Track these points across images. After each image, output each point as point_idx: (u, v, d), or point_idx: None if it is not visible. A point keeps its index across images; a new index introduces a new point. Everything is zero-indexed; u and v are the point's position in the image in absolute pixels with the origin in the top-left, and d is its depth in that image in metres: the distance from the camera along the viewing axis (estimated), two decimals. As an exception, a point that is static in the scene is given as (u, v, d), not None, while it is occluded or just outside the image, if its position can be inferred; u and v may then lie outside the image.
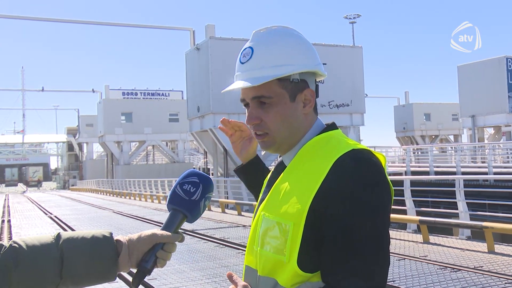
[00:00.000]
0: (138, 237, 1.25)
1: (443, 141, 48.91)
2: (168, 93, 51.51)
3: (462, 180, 10.47)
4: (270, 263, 1.17)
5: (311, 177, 1.14)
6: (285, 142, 1.27)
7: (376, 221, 1.10)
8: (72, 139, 68.64)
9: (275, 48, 1.23)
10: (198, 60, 24.30)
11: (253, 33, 1.27)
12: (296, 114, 1.25)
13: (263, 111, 1.24)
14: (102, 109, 45.08)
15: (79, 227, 14.37)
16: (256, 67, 1.22)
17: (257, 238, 1.21)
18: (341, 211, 1.09)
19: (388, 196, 1.14)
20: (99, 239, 1.22)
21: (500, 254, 7.79)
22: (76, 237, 1.21)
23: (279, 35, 1.25)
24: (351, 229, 1.08)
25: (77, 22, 35.77)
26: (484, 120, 31.56)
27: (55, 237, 1.21)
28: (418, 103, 49.31)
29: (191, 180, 1.31)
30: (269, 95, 1.22)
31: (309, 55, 1.26)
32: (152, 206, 21.97)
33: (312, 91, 1.26)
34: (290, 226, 1.13)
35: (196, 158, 49.20)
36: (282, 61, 1.21)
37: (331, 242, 1.09)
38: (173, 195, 1.30)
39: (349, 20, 37.38)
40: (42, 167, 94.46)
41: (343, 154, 1.15)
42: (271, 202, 1.21)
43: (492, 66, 30.82)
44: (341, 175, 1.11)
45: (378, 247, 1.09)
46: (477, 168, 21.43)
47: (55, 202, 30.69)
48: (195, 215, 1.30)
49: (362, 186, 1.10)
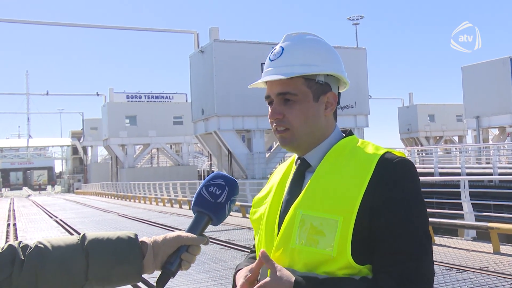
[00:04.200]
0: (163, 239, 1.24)
1: (448, 142, 48.77)
2: (172, 96, 51.63)
3: (467, 181, 10.45)
4: (315, 259, 1.19)
5: (357, 173, 1.21)
6: (305, 140, 1.31)
7: (423, 210, 1.21)
8: (76, 143, 68.81)
9: (304, 48, 1.31)
10: (202, 63, 24.36)
11: (284, 36, 1.34)
12: (318, 114, 1.31)
13: (287, 107, 1.29)
14: (107, 112, 45.20)
15: (84, 230, 14.37)
16: (286, 63, 1.29)
17: (293, 235, 1.22)
18: (393, 201, 1.17)
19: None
20: (124, 241, 1.21)
21: (506, 255, 7.77)
22: (101, 238, 1.21)
23: (309, 39, 1.33)
24: (405, 219, 1.17)
25: (81, 26, 35.93)
26: (489, 121, 31.47)
27: (80, 238, 1.21)
28: (422, 104, 49.23)
29: (217, 182, 1.30)
30: (294, 92, 1.28)
31: (336, 61, 1.35)
32: (157, 209, 21.99)
33: (334, 95, 1.34)
34: (339, 221, 1.18)
35: (201, 161, 49.22)
36: (310, 61, 1.29)
37: (384, 232, 1.17)
38: (198, 197, 1.29)
39: (353, 21, 37.43)
40: (46, 171, 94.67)
41: (384, 154, 1.24)
42: (310, 200, 1.23)
43: (497, 67, 30.74)
44: (389, 170, 1.20)
45: (428, 236, 1.19)
46: (482, 169, 21.36)
47: (60, 205, 30.77)
48: (220, 217, 1.29)
49: (410, 178, 1.21)
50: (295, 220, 1.23)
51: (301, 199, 1.25)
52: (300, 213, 1.22)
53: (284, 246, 1.24)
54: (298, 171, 1.34)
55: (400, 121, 49.82)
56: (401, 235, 1.16)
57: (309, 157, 1.33)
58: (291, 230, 1.23)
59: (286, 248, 1.23)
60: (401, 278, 1.13)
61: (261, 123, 23.85)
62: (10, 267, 1.11)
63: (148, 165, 51.25)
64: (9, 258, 1.12)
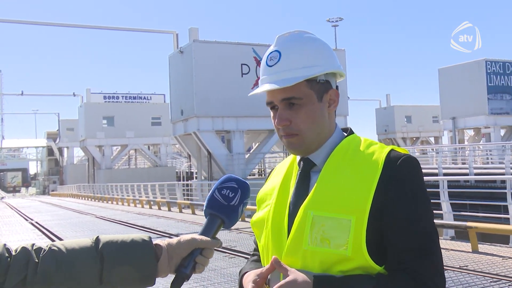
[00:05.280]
0: (177, 242, 1.23)
1: (424, 143, 49.49)
2: (150, 97, 51.24)
3: (446, 181, 10.60)
4: (330, 259, 1.18)
5: (366, 172, 1.21)
6: (314, 142, 1.30)
7: (430, 205, 1.23)
8: (52, 144, 67.79)
9: (303, 50, 1.28)
10: (181, 64, 24.21)
11: (276, 38, 1.32)
12: (323, 114, 1.30)
13: (293, 112, 1.27)
14: (83, 113, 44.61)
15: (61, 233, 14.17)
16: (286, 68, 1.26)
17: (305, 237, 1.21)
18: (403, 199, 1.19)
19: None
20: (138, 243, 1.20)
21: (484, 254, 7.90)
22: (115, 241, 1.19)
23: (303, 39, 1.30)
24: (416, 215, 1.19)
25: (57, 25, 35.35)
26: (465, 122, 32.01)
27: (94, 240, 1.19)
28: (399, 105, 49.86)
29: (230, 185, 1.30)
30: (299, 96, 1.26)
31: (333, 56, 1.34)
32: (135, 211, 21.78)
33: (336, 91, 1.33)
34: (352, 220, 1.17)
35: (179, 162, 48.95)
36: (310, 62, 1.27)
37: (397, 229, 1.18)
38: (211, 200, 1.28)
39: (332, 23, 37.68)
40: (21, 173, 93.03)
41: (389, 152, 1.25)
42: (320, 200, 1.22)
43: (472, 69, 31.31)
44: (396, 168, 1.20)
45: (436, 231, 1.22)
46: (458, 169, 21.72)
47: (35, 207, 30.22)
48: (233, 220, 1.28)
49: (417, 175, 1.22)
50: (306, 221, 1.21)
51: (310, 200, 1.23)
52: (311, 214, 1.21)
53: (296, 248, 1.22)
54: (303, 172, 1.31)
55: (378, 122, 50.37)
56: (413, 232, 1.17)
57: (314, 156, 1.31)
58: (302, 232, 1.21)
59: (298, 250, 1.22)
60: (418, 275, 1.15)
61: (241, 124, 23.84)
62: (25, 270, 1.10)
63: (125, 167, 50.72)
64: (23, 260, 1.11)
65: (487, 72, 30.79)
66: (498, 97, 31.12)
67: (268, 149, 26.13)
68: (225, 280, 7.07)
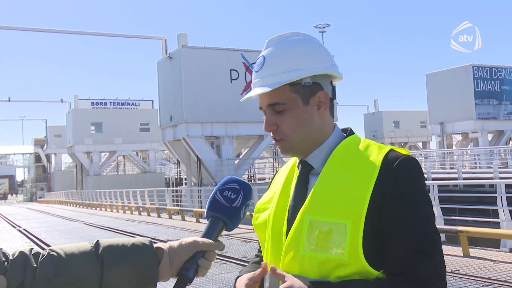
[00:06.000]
0: (179, 245, 1.20)
1: (412, 148, 49.78)
2: (139, 103, 51.05)
3: (436, 185, 10.65)
4: (327, 264, 1.16)
5: (362, 174, 1.18)
6: (303, 145, 1.28)
7: (430, 206, 1.20)
8: (39, 150, 67.23)
9: (285, 54, 1.26)
10: (170, 69, 24.16)
11: (266, 42, 1.30)
12: (312, 117, 1.27)
13: (279, 117, 1.27)
14: (71, 119, 44.31)
15: (50, 240, 14.01)
16: (269, 74, 1.25)
17: (302, 242, 1.19)
18: (402, 200, 1.15)
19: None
20: (139, 247, 1.17)
21: (475, 258, 7.93)
22: (116, 245, 1.17)
23: (290, 42, 1.28)
24: (415, 217, 1.15)
25: (45, 31, 35.15)
26: (452, 127, 32.31)
27: (94, 245, 1.17)
28: (387, 111, 50.14)
29: (232, 186, 1.27)
30: (282, 101, 1.25)
31: (321, 58, 1.29)
32: (124, 217, 21.62)
33: (325, 93, 1.29)
34: (348, 224, 1.14)
35: (168, 168, 48.73)
36: (292, 66, 1.25)
37: (395, 232, 1.15)
38: (213, 201, 1.25)
39: (319, 29, 37.88)
40: (7, 180, 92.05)
41: (388, 152, 1.22)
42: (317, 205, 1.20)
43: (459, 74, 31.64)
44: (394, 169, 1.17)
45: (437, 232, 1.18)
46: (446, 174, 21.89)
47: (23, 215, 29.90)
48: (235, 222, 1.26)
49: (415, 176, 1.19)
50: (303, 226, 1.20)
51: (307, 204, 1.21)
52: (308, 219, 1.19)
53: (294, 253, 1.21)
54: (302, 175, 1.30)
55: (366, 127, 50.62)
56: (412, 235, 1.14)
57: (311, 159, 1.29)
58: (299, 237, 1.20)
59: (295, 255, 1.20)
60: (417, 279, 1.12)
61: (230, 130, 23.81)
62: (22, 275, 1.08)
63: (114, 173, 50.38)
64: (21, 265, 1.09)
65: (474, 77, 31.14)
66: (486, 102, 31.47)
67: (257, 155, 26.12)
68: (217, 286, 7.03)
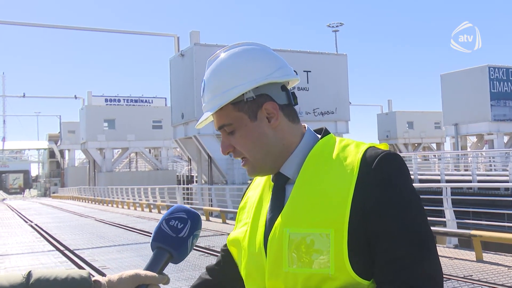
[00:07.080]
0: (119, 278, 1.10)
1: (426, 149, 49.32)
2: (152, 100, 51.26)
3: (449, 188, 10.45)
4: (313, 280, 1.06)
5: (341, 178, 1.09)
6: (267, 162, 1.18)
7: (418, 204, 1.08)
8: (53, 146, 67.89)
9: (221, 74, 1.18)
10: (182, 67, 24.15)
11: (207, 62, 1.23)
12: (263, 131, 1.17)
13: (232, 138, 1.19)
14: (85, 116, 44.65)
15: (60, 236, 14.06)
16: (211, 97, 1.19)
17: (285, 258, 1.08)
18: (386, 202, 1.05)
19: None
20: (75, 280, 1.07)
21: (489, 263, 7.74)
22: (48, 277, 1.07)
23: (225, 59, 1.19)
24: (402, 219, 1.05)
25: (59, 27, 35.39)
26: (467, 129, 31.89)
27: (26, 276, 1.07)
28: (401, 111, 49.72)
29: (179, 215, 1.18)
30: (228, 122, 1.18)
31: (259, 67, 1.17)
32: (135, 214, 21.66)
33: (273, 104, 1.16)
34: (330, 233, 1.04)
35: (180, 165, 48.88)
36: (230, 84, 1.15)
37: (382, 237, 1.04)
38: (158, 232, 1.16)
39: (332, 28, 37.71)
40: (22, 174, 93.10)
41: (366, 150, 1.11)
42: (294, 215, 1.09)
43: (475, 75, 31.21)
44: (375, 168, 1.07)
45: (429, 232, 1.07)
46: (460, 176, 21.57)
47: (36, 210, 30.20)
48: (182, 254, 1.17)
49: (398, 173, 1.08)
50: (282, 240, 1.09)
51: (284, 216, 1.11)
52: (287, 231, 1.08)
53: (277, 272, 1.10)
54: (277, 186, 1.19)
55: (379, 127, 50.24)
56: (400, 238, 1.03)
57: (285, 169, 1.18)
58: (280, 253, 1.09)
59: (279, 274, 1.10)
60: (409, 286, 1.01)
61: (242, 128, 23.77)
62: None
63: (126, 170, 50.65)
64: None
65: (490, 78, 30.70)
66: (501, 104, 31.02)
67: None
68: None
